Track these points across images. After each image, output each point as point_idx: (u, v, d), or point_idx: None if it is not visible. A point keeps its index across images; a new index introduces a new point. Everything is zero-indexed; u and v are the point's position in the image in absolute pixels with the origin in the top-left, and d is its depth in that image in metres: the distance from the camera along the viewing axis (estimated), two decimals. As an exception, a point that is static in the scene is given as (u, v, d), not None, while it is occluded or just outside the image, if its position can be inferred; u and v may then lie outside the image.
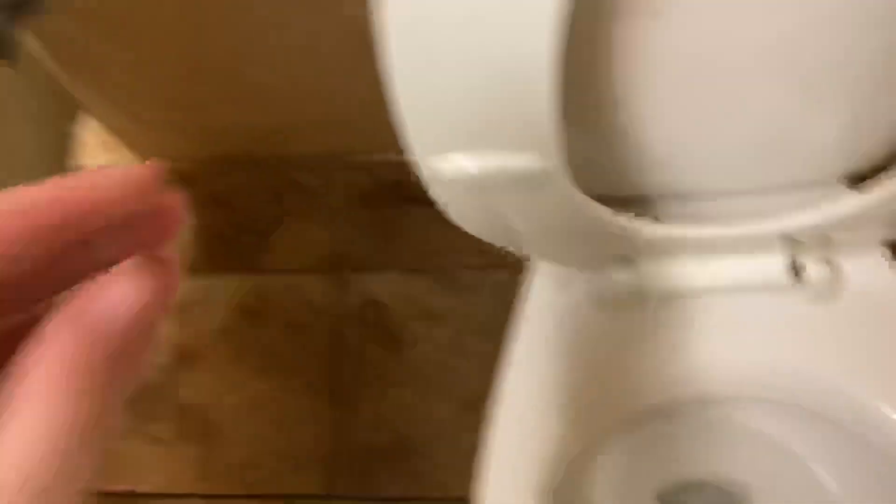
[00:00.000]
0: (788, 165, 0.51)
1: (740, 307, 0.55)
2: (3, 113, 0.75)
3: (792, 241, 0.52)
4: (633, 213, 0.51)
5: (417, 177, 0.44)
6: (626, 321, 0.57)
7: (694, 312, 0.56)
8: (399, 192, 1.03)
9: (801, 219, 0.50)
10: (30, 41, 0.79)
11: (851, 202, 0.49)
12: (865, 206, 0.49)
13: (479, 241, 1.11)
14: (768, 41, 0.43)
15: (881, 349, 0.54)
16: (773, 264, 0.53)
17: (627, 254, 0.54)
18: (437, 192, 0.45)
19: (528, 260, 0.61)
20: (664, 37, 0.41)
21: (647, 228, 0.49)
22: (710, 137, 0.49)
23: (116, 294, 0.18)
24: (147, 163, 0.19)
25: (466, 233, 1.09)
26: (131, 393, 0.19)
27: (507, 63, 0.35)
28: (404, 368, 0.99)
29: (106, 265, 0.19)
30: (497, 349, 0.98)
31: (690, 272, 0.54)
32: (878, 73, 0.45)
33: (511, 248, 0.54)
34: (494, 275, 1.02)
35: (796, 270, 0.53)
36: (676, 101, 0.46)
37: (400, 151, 1.07)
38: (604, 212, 0.47)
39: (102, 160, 0.97)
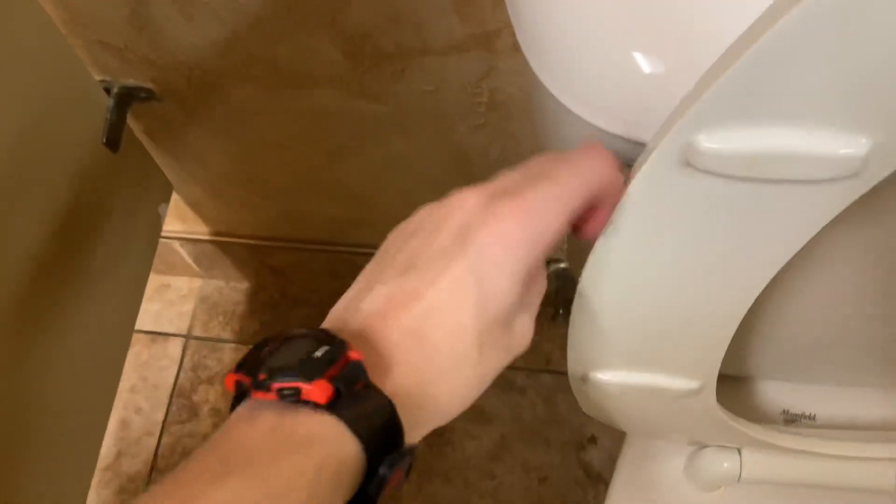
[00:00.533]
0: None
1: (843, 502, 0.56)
2: (102, 190, 0.76)
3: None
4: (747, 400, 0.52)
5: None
6: (722, 500, 0.57)
7: (792, 499, 0.56)
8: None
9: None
10: (131, 122, 0.80)
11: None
12: None
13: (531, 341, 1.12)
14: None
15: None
16: (883, 475, 0.53)
17: (737, 444, 0.54)
18: (577, 388, 0.45)
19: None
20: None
21: (770, 437, 0.50)
22: (847, 336, 0.50)
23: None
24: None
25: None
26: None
27: (702, 310, 0.36)
28: (446, 465, 0.99)
29: None
30: (542, 459, 0.98)
31: (795, 466, 0.55)
32: None
33: (618, 427, 0.55)
34: (544, 379, 1.03)
35: (901, 478, 0.54)
36: (825, 302, 0.47)
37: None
38: (735, 419, 0.48)
39: (177, 227, 0.97)
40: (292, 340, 0.28)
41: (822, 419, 0.57)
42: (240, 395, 0.27)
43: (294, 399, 0.26)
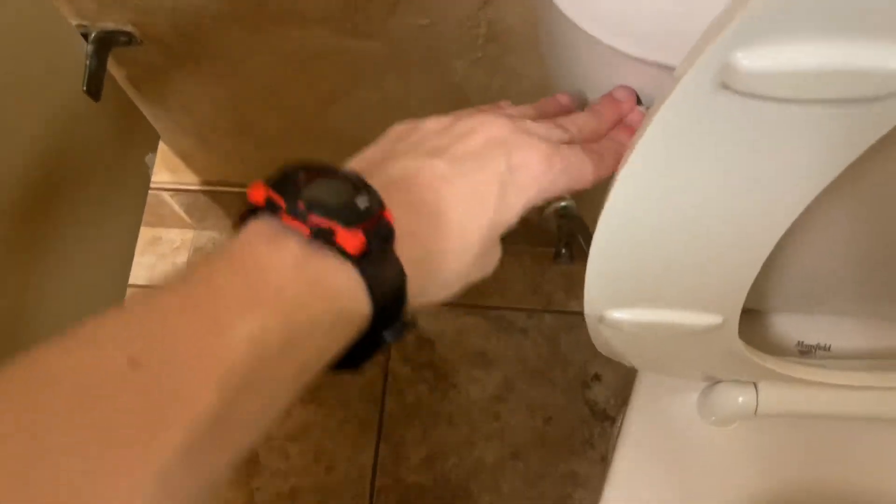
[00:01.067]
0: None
1: (859, 432, 0.55)
2: (85, 141, 0.73)
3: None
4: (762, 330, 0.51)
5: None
6: (734, 431, 0.57)
7: (810, 431, 0.56)
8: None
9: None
10: (113, 69, 0.76)
11: None
12: None
13: (532, 283, 1.10)
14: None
15: None
16: (898, 402, 0.53)
17: (753, 378, 0.53)
18: (594, 329, 0.44)
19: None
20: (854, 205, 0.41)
21: (790, 369, 0.49)
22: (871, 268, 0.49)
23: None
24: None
25: (519, 274, 1.08)
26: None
27: (732, 242, 0.35)
28: (450, 408, 0.99)
29: None
30: (546, 398, 0.98)
31: (810, 398, 0.54)
32: None
33: (631, 365, 0.54)
34: (546, 319, 1.02)
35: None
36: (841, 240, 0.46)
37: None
38: (753, 353, 0.47)
39: (166, 178, 0.95)
40: (330, 178, 0.28)
41: (836, 350, 0.57)
42: (258, 210, 0.27)
43: (326, 240, 0.26)
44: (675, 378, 0.57)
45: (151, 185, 0.97)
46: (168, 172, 0.94)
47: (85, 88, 0.71)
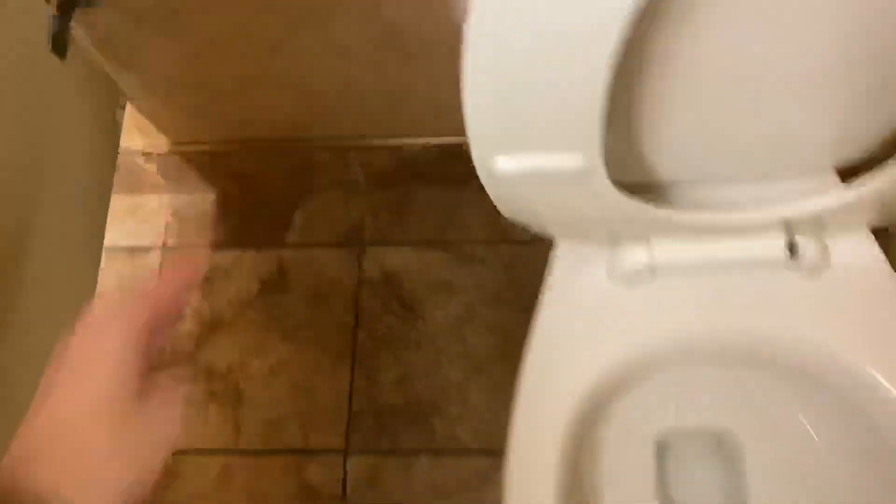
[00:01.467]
0: (791, 157, 0.59)
1: (743, 281, 0.63)
2: (51, 103, 0.79)
3: (789, 224, 0.60)
4: (651, 196, 0.59)
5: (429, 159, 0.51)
6: (641, 292, 0.64)
7: (702, 285, 0.63)
8: (413, 173, 1.10)
9: (799, 207, 0.58)
10: (77, 31, 0.83)
11: (844, 194, 0.57)
12: (855, 198, 0.56)
13: (488, 217, 1.18)
14: (776, 55, 0.50)
15: (865, 318, 0.62)
16: (773, 244, 0.60)
17: (645, 234, 0.61)
18: (488, 185, 0.52)
19: (546, 237, 0.68)
20: (695, 51, 0.48)
21: (668, 215, 0.57)
22: (725, 132, 0.56)
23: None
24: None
25: (476, 210, 1.15)
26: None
27: (570, 72, 0.42)
28: (418, 335, 1.06)
29: None
30: (506, 319, 1.05)
31: (699, 250, 0.62)
32: (866, 82, 0.53)
33: (538, 230, 0.61)
34: (503, 249, 1.09)
35: (792, 249, 0.61)
36: (700, 101, 0.53)
37: (415, 136, 1.12)
38: (631, 202, 0.54)
39: (139, 143, 1.02)
40: None
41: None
42: None
43: None
44: (583, 244, 0.65)
45: (126, 150, 1.05)
46: (140, 136, 1.01)
47: (51, 47, 0.78)
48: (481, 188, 0.65)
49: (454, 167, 1.08)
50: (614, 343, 0.63)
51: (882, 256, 0.63)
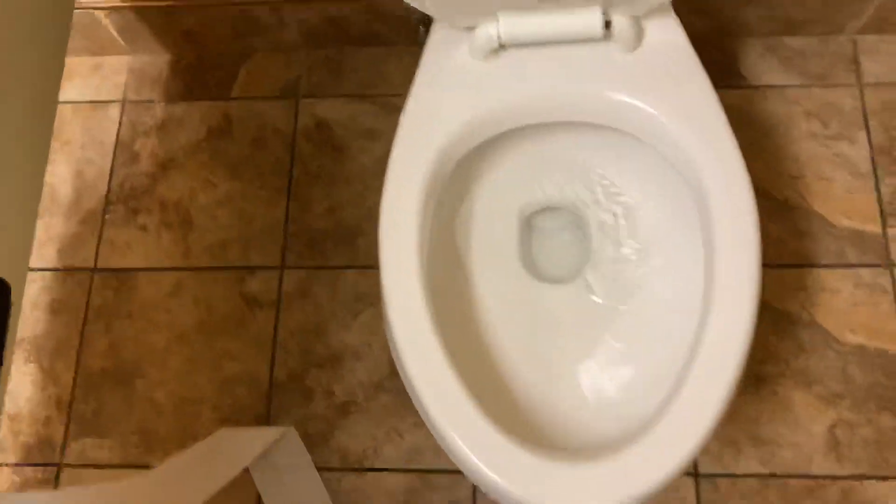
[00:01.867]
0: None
1: (571, 53, 0.78)
2: None
3: (606, 3, 0.75)
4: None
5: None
6: (494, 65, 0.80)
7: (541, 58, 0.79)
8: (346, 33, 1.24)
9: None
10: None
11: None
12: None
13: (408, 74, 1.33)
14: None
15: (669, 84, 0.78)
16: (592, 19, 0.75)
17: (492, 9, 0.76)
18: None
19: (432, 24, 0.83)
20: None
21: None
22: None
23: None
24: None
25: (399, 67, 1.30)
26: None
27: None
28: (347, 173, 1.22)
29: None
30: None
31: (535, 25, 0.77)
32: None
33: (419, 6, 0.76)
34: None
35: (608, 26, 0.76)
36: None
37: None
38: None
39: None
40: None
41: None
42: None
43: None
44: (451, 29, 0.80)
45: (84, 5, 1.18)
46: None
47: None
48: (403, 51, 0.80)
49: (380, 28, 1.23)
50: (472, 104, 0.79)
51: (684, 34, 0.79)
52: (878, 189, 1.14)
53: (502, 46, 0.79)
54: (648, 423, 0.67)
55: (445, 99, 0.79)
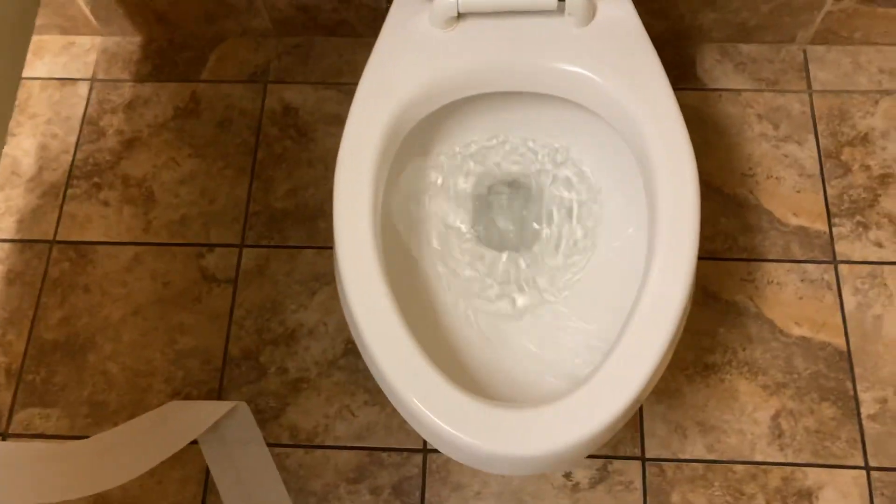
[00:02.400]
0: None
1: (527, 25, 0.81)
2: None
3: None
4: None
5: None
6: (452, 34, 0.83)
7: (496, 28, 0.82)
8: (315, 21, 1.27)
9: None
10: None
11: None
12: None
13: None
14: None
15: (619, 58, 0.81)
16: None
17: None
18: None
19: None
20: None
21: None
22: None
23: None
24: None
25: (367, 58, 1.32)
26: None
27: None
28: (310, 156, 1.23)
29: None
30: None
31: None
32: None
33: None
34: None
35: (562, -2, 0.80)
36: None
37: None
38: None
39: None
40: None
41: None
42: None
43: None
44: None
45: (59, -20, 1.20)
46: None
47: None
48: (372, 42, 0.83)
49: (349, 17, 1.26)
50: (429, 70, 0.81)
51: (635, 12, 0.82)
52: (824, 189, 1.18)
53: (461, 15, 0.82)
54: (590, 372, 0.69)
55: (402, 64, 0.82)
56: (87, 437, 1.07)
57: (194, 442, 1.06)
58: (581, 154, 0.89)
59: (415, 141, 0.84)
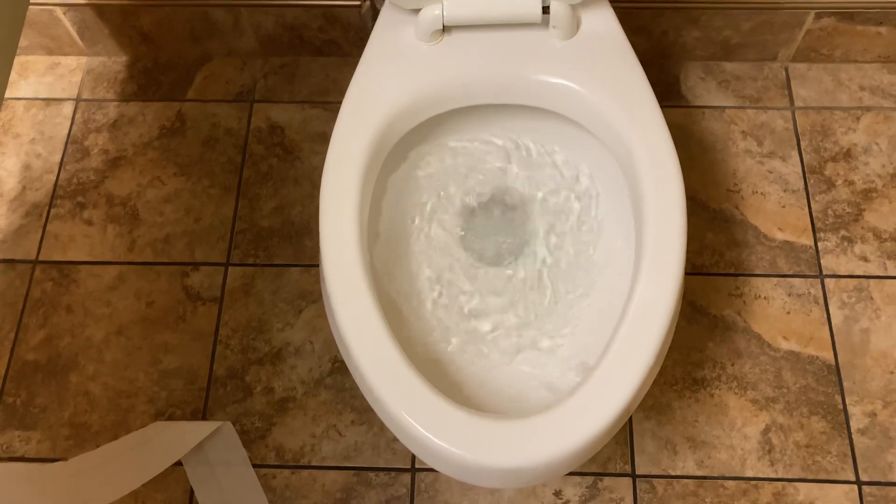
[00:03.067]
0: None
1: (511, 38, 0.82)
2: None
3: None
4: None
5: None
6: (438, 47, 0.83)
7: (482, 41, 0.82)
8: (301, 39, 1.27)
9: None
10: None
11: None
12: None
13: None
14: None
15: (603, 70, 0.81)
16: (531, 4, 0.79)
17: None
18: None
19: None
20: None
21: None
22: None
23: None
24: None
25: (350, 77, 1.32)
26: None
27: None
28: (296, 174, 1.23)
29: None
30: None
31: (476, 7, 0.80)
32: None
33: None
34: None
35: (546, 11, 0.80)
36: None
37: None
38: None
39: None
40: None
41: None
42: None
43: None
44: (399, 11, 0.83)
45: (43, 0, 1.20)
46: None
47: None
48: (356, 61, 0.84)
49: (335, 36, 1.26)
50: (414, 83, 0.82)
51: (618, 25, 0.83)
52: (809, 204, 1.19)
53: (446, 28, 0.82)
54: (579, 383, 0.68)
55: (388, 77, 0.82)
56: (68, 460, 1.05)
57: (178, 463, 1.05)
58: (573, 167, 0.89)
59: (400, 150, 0.84)
